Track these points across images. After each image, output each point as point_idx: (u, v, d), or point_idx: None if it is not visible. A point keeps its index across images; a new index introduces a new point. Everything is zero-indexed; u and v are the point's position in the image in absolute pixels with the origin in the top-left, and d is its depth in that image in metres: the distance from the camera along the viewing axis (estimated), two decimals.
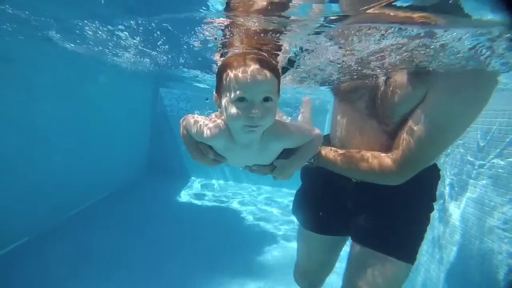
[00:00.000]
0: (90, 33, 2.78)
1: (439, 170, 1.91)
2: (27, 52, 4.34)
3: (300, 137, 1.54)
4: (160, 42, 2.71)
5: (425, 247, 4.32)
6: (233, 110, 1.27)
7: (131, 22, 2.26)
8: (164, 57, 3.49)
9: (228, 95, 1.28)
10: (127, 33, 2.65)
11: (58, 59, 4.77)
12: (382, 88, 1.73)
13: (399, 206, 1.83)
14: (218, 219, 7.09)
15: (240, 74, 1.24)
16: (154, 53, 3.34)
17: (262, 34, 1.78)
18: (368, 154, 1.72)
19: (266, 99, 1.28)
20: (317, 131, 1.57)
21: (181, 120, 1.59)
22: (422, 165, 1.68)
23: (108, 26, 2.53)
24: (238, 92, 1.25)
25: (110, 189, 7.63)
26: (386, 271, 1.79)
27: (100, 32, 2.71)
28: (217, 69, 1.39)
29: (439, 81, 1.55)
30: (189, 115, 1.56)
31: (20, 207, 4.60)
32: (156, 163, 9.95)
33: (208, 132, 1.44)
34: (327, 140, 2.12)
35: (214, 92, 1.43)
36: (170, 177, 9.60)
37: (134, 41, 2.89)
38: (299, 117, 2.32)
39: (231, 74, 1.27)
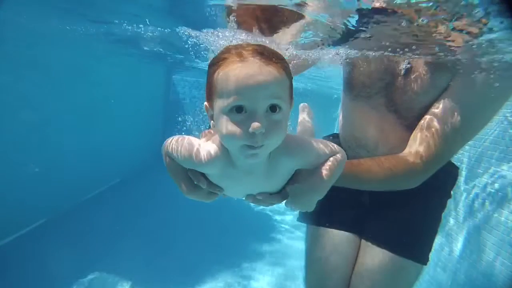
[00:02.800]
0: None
1: (457, 168, 1.84)
2: (47, 36, 4.41)
3: (318, 152, 1.16)
4: None
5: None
6: (227, 124, 0.94)
7: None
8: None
9: (220, 103, 0.95)
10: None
11: (75, 45, 4.83)
12: (401, 79, 1.64)
13: (416, 206, 1.76)
14: (229, 205, 7.16)
15: (234, 72, 0.91)
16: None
17: None
18: (387, 160, 1.54)
19: (273, 108, 0.94)
20: (337, 146, 1.22)
21: (163, 145, 1.24)
22: (447, 159, 1.58)
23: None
24: (232, 98, 0.91)
25: (124, 175, 7.78)
26: (400, 272, 1.73)
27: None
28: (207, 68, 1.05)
29: (466, 66, 1.47)
30: (173, 137, 1.22)
31: (38, 189, 4.77)
32: None
33: (200, 155, 1.10)
34: (336, 141, 1.98)
35: (205, 102, 1.08)
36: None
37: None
38: (298, 128, 2.01)
39: (222, 72, 0.93)
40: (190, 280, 4.27)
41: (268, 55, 0.94)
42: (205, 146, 1.12)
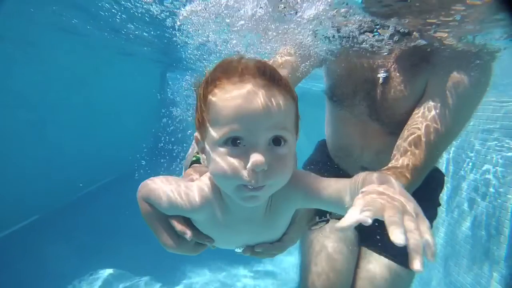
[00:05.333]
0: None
1: (443, 174, 1.93)
2: (46, 37, 4.46)
3: (327, 183, 0.89)
4: None
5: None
6: (221, 159, 0.77)
7: None
8: None
9: (213, 133, 0.78)
10: None
11: (74, 45, 4.88)
12: (381, 87, 1.70)
13: None
14: None
15: (231, 96, 0.75)
16: None
17: None
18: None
19: (277, 141, 0.78)
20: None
21: (138, 191, 1.01)
22: (433, 163, 1.59)
23: None
24: (228, 127, 0.75)
25: (119, 172, 7.81)
26: (396, 279, 1.74)
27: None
28: (196, 88, 0.87)
29: (440, 67, 1.52)
30: (150, 179, 1.00)
31: (33, 184, 4.80)
32: (165, 149, 10.08)
33: (186, 198, 0.91)
34: (324, 149, 2.08)
35: (195, 133, 0.90)
36: (179, 162, 9.72)
37: None
38: None
39: (217, 95, 0.77)
40: (184, 278, 4.33)
41: (271, 75, 0.78)
42: (191, 188, 0.93)
